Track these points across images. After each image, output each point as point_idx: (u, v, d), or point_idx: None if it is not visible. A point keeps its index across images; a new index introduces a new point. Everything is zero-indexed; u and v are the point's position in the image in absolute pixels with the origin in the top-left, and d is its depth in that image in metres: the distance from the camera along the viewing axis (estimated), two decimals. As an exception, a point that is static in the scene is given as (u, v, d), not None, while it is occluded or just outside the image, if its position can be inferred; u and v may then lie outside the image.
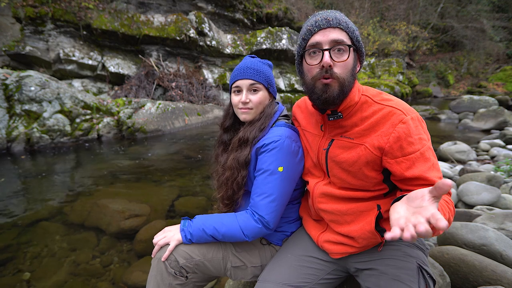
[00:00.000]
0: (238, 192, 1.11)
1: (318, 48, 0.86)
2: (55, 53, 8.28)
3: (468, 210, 2.01)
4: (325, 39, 0.85)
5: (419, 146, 0.82)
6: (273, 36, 11.11)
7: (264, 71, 1.12)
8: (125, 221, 2.60)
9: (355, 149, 0.91)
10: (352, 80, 0.90)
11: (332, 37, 0.85)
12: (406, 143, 0.83)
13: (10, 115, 5.24)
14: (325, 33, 0.86)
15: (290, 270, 1.01)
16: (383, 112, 0.87)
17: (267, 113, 1.12)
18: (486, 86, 19.65)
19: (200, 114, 7.97)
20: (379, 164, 0.89)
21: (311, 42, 0.88)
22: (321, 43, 0.86)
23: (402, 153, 0.83)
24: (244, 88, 1.10)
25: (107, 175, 3.93)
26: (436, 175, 0.82)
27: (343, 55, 0.86)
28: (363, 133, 0.90)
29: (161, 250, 1.03)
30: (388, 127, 0.85)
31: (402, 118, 0.84)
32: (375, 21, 18.06)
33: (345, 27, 0.86)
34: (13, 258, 2.18)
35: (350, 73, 0.88)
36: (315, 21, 0.88)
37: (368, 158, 0.89)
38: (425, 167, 0.81)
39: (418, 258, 0.90)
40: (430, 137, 0.88)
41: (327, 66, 0.84)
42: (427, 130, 0.89)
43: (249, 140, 1.08)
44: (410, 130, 0.83)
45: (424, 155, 0.82)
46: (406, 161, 0.83)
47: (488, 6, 21.86)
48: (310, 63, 0.89)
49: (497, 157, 4.28)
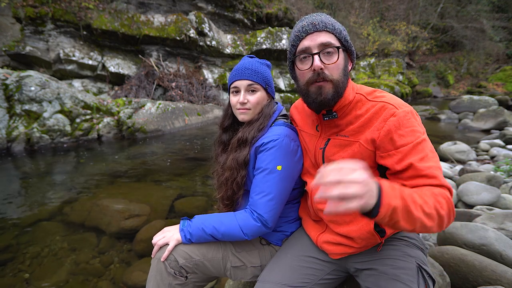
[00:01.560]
0: (238, 192, 1.12)
1: (308, 53, 0.88)
2: (55, 53, 8.28)
3: (468, 210, 2.01)
4: (314, 43, 0.87)
5: (412, 139, 0.81)
6: (273, 36, 11.12)
7: (262, 72, 1.12)
8: (125, 221, 2.60)
9: (351, 147, 0.92)
10: (345, 80, 0.91)
11: (320, 41, 0.86)
12: (397, 135, 0.82)
13: (10, 115, 5.24)
14: (313, 37, 0.87)
15: (289, 271, 1.01)
16: (376, 108, 0.88)
17: (266, 114, 1.12)
18: (486, 86, 19.65)
19: (200, 114, 7.97)
20: (373, 160, 0.90)
21: (300, 48, 0.90)
22: (310, 48, 0.88)
23: (393, 146, 0.83)
24: (242, 89, 1.11)
25: (107, 175, 3.93)
26: (431, 165, 0.78)
27: (333, 57, 0.87)
28: (358, 130, 0.91)
29: (161, 250, 1.03)
30: (380, 121, 0.86)
31: (393, 112, 0.84)
32: (375, 21, 18.06)
33: (331, 29, 0.87)
34: (13, 258, 2.18)
35: (343, 73, 0.89)
36: (302, 27, 0.89)
37: (363, 155, 0.89)
38: (417, 157, 0.79)
39: (417, 257, 0.90)
40: (425, 131, 0.86)
41: (318, 69, 0.86)
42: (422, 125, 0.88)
43: (247, 140, 1.08)
44: (400, 123, 0.83)
45: (416, 147, 0.80)
46: (397, 153, 0.82)
47: (488, 6, 21.85)
48: (302, 68, 0.91)
49: (497, 157, 4.28)
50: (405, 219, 0.66)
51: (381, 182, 0.65)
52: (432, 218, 0.69)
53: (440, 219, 0.71)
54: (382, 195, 0.63)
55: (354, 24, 17.32)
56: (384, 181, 0.67)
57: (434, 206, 0.70)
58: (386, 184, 0.66)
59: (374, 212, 0.64)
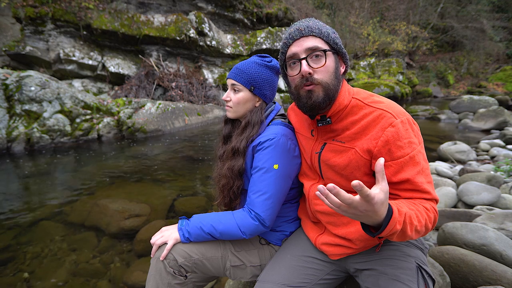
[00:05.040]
0: (235, 200, 1.14)
1: (296, 59, 0.89)
2: (55, 53, 8.28)
3: (468, 210, 2.00)
4: (300, 49, 0.88)
5: (408, 150, 0.82)
6: (273, 36, 11.12)
7: (250, 73, 1.11)
8: (125, 221, 2.60)
9: (346, 153, 0.91)
10: (337, 83, 0.90)
11: (307, 46, 0.87)
12: (395, 147, 0.82)
13: (10, 115, 5.24)
14: (300, 43, 0.89)
15: (289, 271, 1.01)
16: (374, 115, 0.87)
17: (254, 122, 1.11)
18: (486, 86, 19.63)
19: (200, 114, 7.97)
20: (369, 167, 0.89)
21: (288, 54, 0.91)
22: (297, 53, 0.89)
23: (390, 157, 0.83)
24: (229, 87, 1.15)
25: (107, 175, 3.93)
26: (424, 180, 0.82)
27: (321, 60, 0.87)
28: (354, 136, 0.90)
29: (160, 250, 1.03)
30: (377, 130, 0.85)
31: (391, 122, 0.83)
32: (375, 21, 18.06)
33: (318, 34, 0.88)
34: (13, 258, 2.18)
35: (333, 76, 0.88)
36: (289, 34, 0.91)
37: (359, 162, 0.88)
38: (414, 171, 0.81)
39: (417, 257, 0.90)
40: (422, 140, 0.87)
41: (306, 74, 0.87)
42: (420, 133, 0.88)
43: (239, 150, 1.09)
44: (399, 134, 0.82)
45: (413, 159, 0.82)
46: (394, 165, 0.82)
47: (488, 6, 21.84)
48: (291, 74, 0.92)
49: (497, 157, 4.27)
50: (399, 237, 0.74)
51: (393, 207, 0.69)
52: (420, 233, 0.77)
53: (426, 231, 0.78)
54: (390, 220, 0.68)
55: (354, 24, 17.32)
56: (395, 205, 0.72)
57: (424, 223, 0.76)
58: (396, 210, 0.70)
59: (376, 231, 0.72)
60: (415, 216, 0.74)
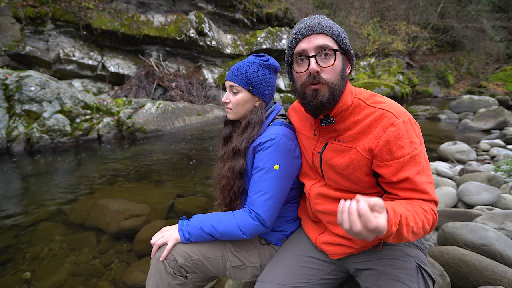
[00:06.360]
0: (236, 201, 1.14)
1: (304, 56, 0.87)
2: (55, 53, 8.28)
3: (468, 210, 2.00)
4: (310, 46, 0.86)
5: (409, 150, 0.81)
6: (273, 36, 11.12)
7: (247, 73, 1.10)
8: (125, 221, 2.60)
9: (348, 153, 0.91)
10: (343, 84, 0.89)
11: (317, 43, 0.85)
12: (395, 146, 0.82)
13: (10, 115, 5.24)
14: (310, 40, 0.86)
15: (289, 271, 1.01)
16: (375, 115, 0.87)
17: (255, 122, 1.11)
18: (486, 86, 19.62)
19: (200, 114, 7.97)
20: (370, 167, 0.89)
21: (297, 50, 0.89)
22: (306, 50, 0.87)
23: (391, 156, 0.82)
24: (227, 89, 1.14)
25: (107, 175, 3.92)
26: (425, 180, 0.81)
27: (330, 60, 0.86)
28: (356, 136, 0.89)
29: (160, 250, 1.03)
30: (379, 130, 0.84)
31: (393, 121, 0.83)
32: (375, 21, 18.06)
33: (329, 32, 0.86)
34: (13, 258, 2.18)
35: (340, 77, 0.87)
36: (299, 29, 0.88)
37: (360, 162, 0.88)
38: (414, 171, 0.81)
39: (417, 257, 0.90)
40: (423, 141, 0.87)
41: (314, 72, 0.85)
42: (421, 133, 0.88)
43: (240, 150, 1.09)
44: (400, 134, 0.82)
45: (414, 159, 0.81)
46: (395, 164, 0.82)
47: (488, 6, 21.83)
48: (298, 71, 0.90)
49: (497, 157, 4.27)
50: (395, 238, 0.72)
51: (388, 209, 0.68)
52: (417, 235, 0.75)
53: (424, 233, 0.77)
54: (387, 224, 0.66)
55: (354, 24, 17.31)
56: (391, 206, 0.70)
57: (422, 225, 0.75)
58: (391, 212, 0.68)
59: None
60: (412, 217, 0.73)
